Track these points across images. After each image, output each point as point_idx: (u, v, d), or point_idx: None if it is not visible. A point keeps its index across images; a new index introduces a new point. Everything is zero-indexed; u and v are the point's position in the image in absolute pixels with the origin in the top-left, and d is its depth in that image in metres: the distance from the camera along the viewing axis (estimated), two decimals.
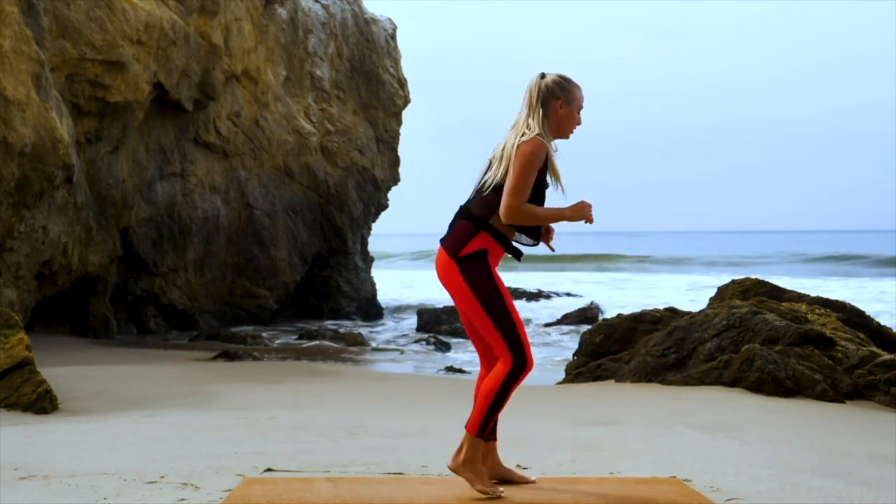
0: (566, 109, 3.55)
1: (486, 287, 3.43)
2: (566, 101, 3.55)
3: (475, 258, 3.45)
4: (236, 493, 3.58)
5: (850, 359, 8.09)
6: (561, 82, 3.56)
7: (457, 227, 3.53)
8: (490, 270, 3.46)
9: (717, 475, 4.23)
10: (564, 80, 3.58)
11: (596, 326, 10.46)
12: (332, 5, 21.59)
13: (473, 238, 3.46)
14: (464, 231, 3.49)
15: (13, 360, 7.30)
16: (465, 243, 3.46)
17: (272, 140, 19.73)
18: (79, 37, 13.68)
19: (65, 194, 13.53)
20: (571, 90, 3.57)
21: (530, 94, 3.54)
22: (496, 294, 3.44)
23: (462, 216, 3.54)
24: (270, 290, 19.66)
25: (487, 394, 3.45)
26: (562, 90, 3.55)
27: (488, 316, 3.43)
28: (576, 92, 3.58)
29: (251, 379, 9.97)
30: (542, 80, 3.57)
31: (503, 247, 3.51)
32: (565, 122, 3.56)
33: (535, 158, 3.42)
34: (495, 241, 3.48)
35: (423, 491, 3.60)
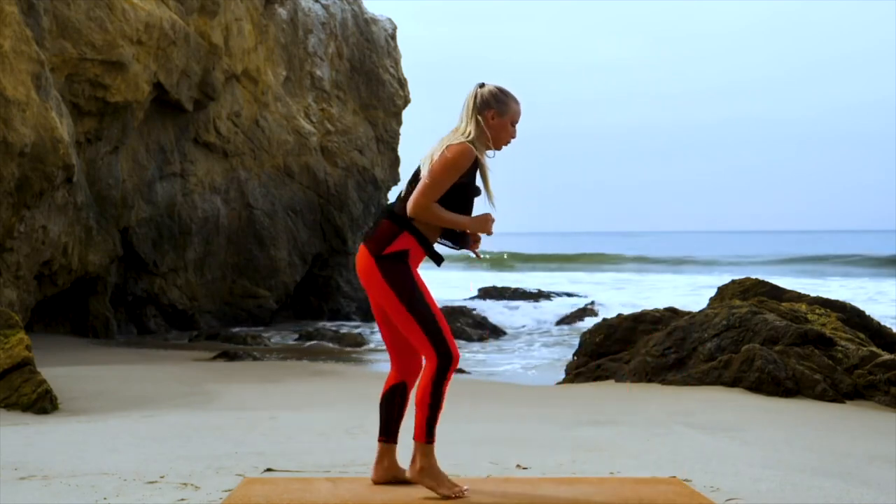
0: (498, 120, 3.57)
1: (406, 286, 3.45)
2: (499, 112, 3.57)
3: (396, 258, 3.47)
4: (236, 493, 3.58)
5: (850, 359, 8.10)
6: (497, 93, 3.59)
7: (380, 225, 3.55)
8: (410, 270, 3.48)
9: (717, 475, 4.23)
10: (501, 91, 3.61)
11: (596, 326, 10.46)
12: (332, 5, 21.59)
13: (396, 238, 3.49)
14: (387, 230, 3.51)
15: (13, 360, 7.30)
16: (387, 243, 3.48)
17: (272, 140, 19.73)
18: (79, 37, 13.68)
19: (65, 194, 13.52)
20: (506, 102, 3.60)
21: (467, 103, 3.58)
22: (417, 293, 3.46)
23: (386, 215, 3.57)
24: (270, 290, 19.65)
25: (423, 399, 3.49)
26: (496, 101, 3.57)
27: (410, 315, 3.45)
28: (511, 105, 3.61)
29: (251, 379, 9.97)
30: (479, 89, 3.60)
31: (424, 249, 3.54)
32: (497, 132, 3.58)
33: (456, 162, 3.46)
34: (417, 242, 3.51)
35: (422, 491, 3.60)
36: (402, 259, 3.47)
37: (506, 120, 3.59)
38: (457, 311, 18.98)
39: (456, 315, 18.24)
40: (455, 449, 4.93)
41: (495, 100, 3.58)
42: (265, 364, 12.23)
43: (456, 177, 3.47)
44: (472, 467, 4.36)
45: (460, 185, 3.49)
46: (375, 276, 3.47)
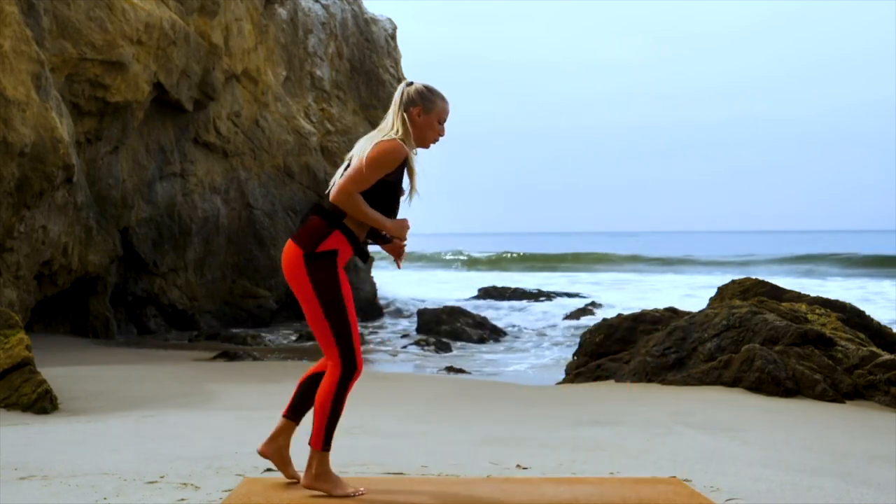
0: (425, 118, 3.59)
1: (331, 290, 3.45)
2: (425, 109, 3.59)
3: (326, 258, 3.46)
4: (236, 493, 3.58)
5: (850, 359, 8.10)
6: (424, 91, 3.62)
7: (309, 222, 3.53)
8: (338, 273, 3.48)
9: (717, 475, 4.23)
10: (428, 89, 3.64)
11: (596, 326, 10.46)
12: (332, 5, 21.59)
13: (328, 237, 3.48)
14: (318, 227, 3.50)
15: (13, 360, 7.30)
16: (319, 241, 3.47)
17: (272, 140, 19.73)
18: (79, 37, 13.68)
19: (65, 194, 13.52)
20: (433, 100, 3.62)
21: (395, 100, 3.62)
22: (339, 298, 3.47)
23: (316, 212, 3.56)
24: (270, 290, 19.65)
25: (323, 405, 3.47)
26: (422, 99, 3.60)
27: (326, 318, 3.47)
28: (438, 102, 3.63)
29: (251, 379, 9.97)
30: (407, 87, 3.64)
31: (353, 248, 3.55)
32: (424, 130, 3.60)
33: (387, 157, 3.48)
34: (347, 241, 3.51)
35: (423, 491, 3.60)
36: (332, 259, 3.46)
37: (432, 117, 3.61)
38: (456, 311, 18.98)
39: (456, 315, 18.23)
40: (455, 449, 4.93)
41: (421, 97, 3.60)
42: (265, 364, 12.23)
43: (383, 172, 3.48)
44: (472, 467, 4.36)
45: (388, 182, 3.51)
46: (301, 273, 3.46)
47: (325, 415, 3.47)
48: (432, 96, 3.63)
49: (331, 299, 3.45)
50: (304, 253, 3.46)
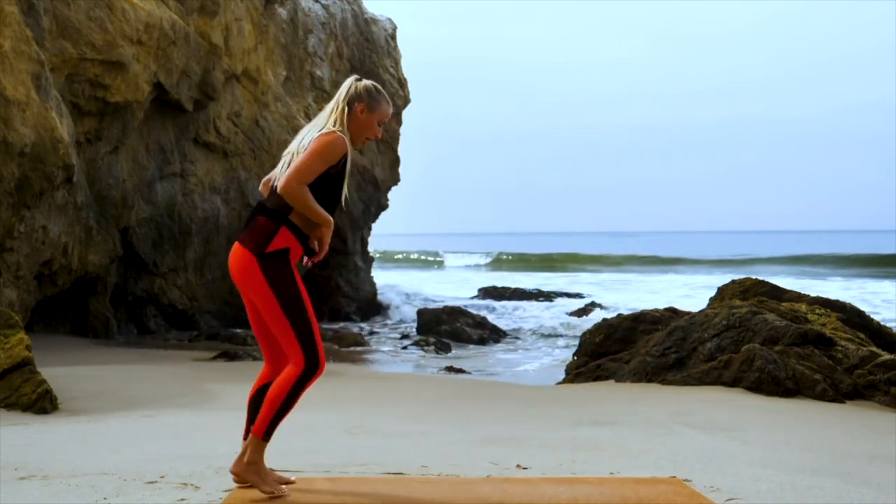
0: (367, 116, 3.60)
1: (288, 288, 3.41)
2: (369, 107, 3.61)
3: (278, 257, 3.43)
4: (236, 493, 3.58)
5: (850, 359, 8.10)
6: (371, 89, 3.65)
7: (255, 222, 3.49)
8: (292, 271, 3.45)
9: (717, 475, 4.22)
10: (377, 89, 3.68)
11: (596, 326, 10.46)
12: (332, 5, 21.59)
13: (276, 235, 3.44)
14: (264, 227, 3.46)
15: (13, 360, 7.30)
16: (268, 240, 3.43)
17: (272, 140, 19.73)
18: (79, 37, 13.68)
19: (65, 194, 13.52)
20: (378, 100, 3.64)
21: (339, 94, 3.62)
22: (296, 295, 3.43)
23: (260, 212, 3.52)
24: None
25: (276, 397, 3.43)
26: (369, 97, 3.62)
27: (286, 317, 3.41)
28: (382, 103, 3.65)
29: (251, 379, 9.94)
30: (356, 82, 3.64)
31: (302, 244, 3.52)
32: (363, 127, 3.61)
33: (331, 149, 3.46)
34: (296, 238, 3.48)
35: (423, 491, 3.59)
36: (285, 258, 3.44)
37: (374, 117, 3.62)
38: (456, 311, 18.98)
39: (455, 315, 18.22)
40: (455, 449, 4.93)
41: (368, 95, 3.61)
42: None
43: (327, 165, 3.45)
44: (472, 467, 4.36)
45: (331, 175, 3.49)
46: (255, 275, 3.41)
47: (275, 407, 3.43)
48: (378, 97, 3.65)
49: (289, 298, 3.41)
50: (256, 254, 3.42)
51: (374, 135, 3.65)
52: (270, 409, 3.43)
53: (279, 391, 3.41)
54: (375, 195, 22.45)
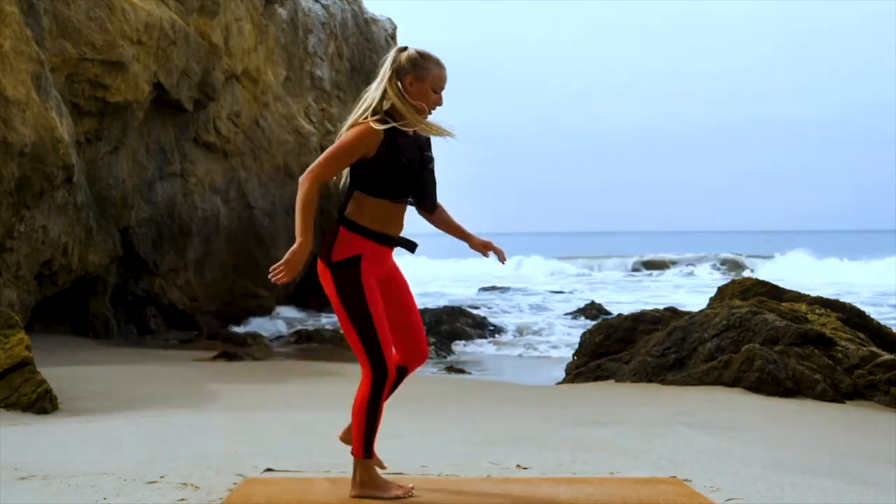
0: (418, 86, 3.34)
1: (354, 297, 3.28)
2: (417, 77, 3.34)
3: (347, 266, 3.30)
4: (236, 493, 3.58)
5: (850, 359, 8.10)
6: (416, 58, 3.35)
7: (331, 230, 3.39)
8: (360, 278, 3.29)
9: (717, 475, 4.22)
10: (421, 55, 3.37)
11: (596, 326, 10.46)
12: (332, 5, 21.60)
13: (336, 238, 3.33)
14: (330, 233, 3.37)
15: (13, 360, 7.30)
16: (331, 246, 3.33)
17: (272, 140, 19.73)
18: (79, 37, 13.68)
19: (65, 194, 13.52)
20: (426, 66, 3.35)
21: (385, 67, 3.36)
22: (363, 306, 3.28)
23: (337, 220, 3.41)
24: (270, 290, 19.65)
25: (359, 414, 3.35)
26: (414, 66, 3.34)
27: (352, 324, 3.30)
28: (432, 69, 3.36)
29: (251, 379, 9.97)
30: (399, 53, 3.38)
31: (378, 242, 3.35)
32: (418, 99, 3.34)
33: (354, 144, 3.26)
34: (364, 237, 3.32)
35: (423, 491, 3.59)
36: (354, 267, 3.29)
37: (426, 86, 3.35)
38: (456, 311, 18.98)
39: (455, 315, 18.22)
40: (455, 449, 4.93)
41: (413, 64, 3.34)
42: (265, 364, 12.23)
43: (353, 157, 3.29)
44: (472, 467, 4.36)
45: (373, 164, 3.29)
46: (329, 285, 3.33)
47: (361, 423, 3.34)
48: (425, 62, 3.36)
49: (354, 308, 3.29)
50: (326, 264, 3.32)
51: (433, 104, 3.36)
52: (358, 428, 3.35)
53: (359, 408, 3.34)
54: None
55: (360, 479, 3.42)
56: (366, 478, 3.41)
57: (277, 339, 16.75)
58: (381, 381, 3.32)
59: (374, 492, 3.40)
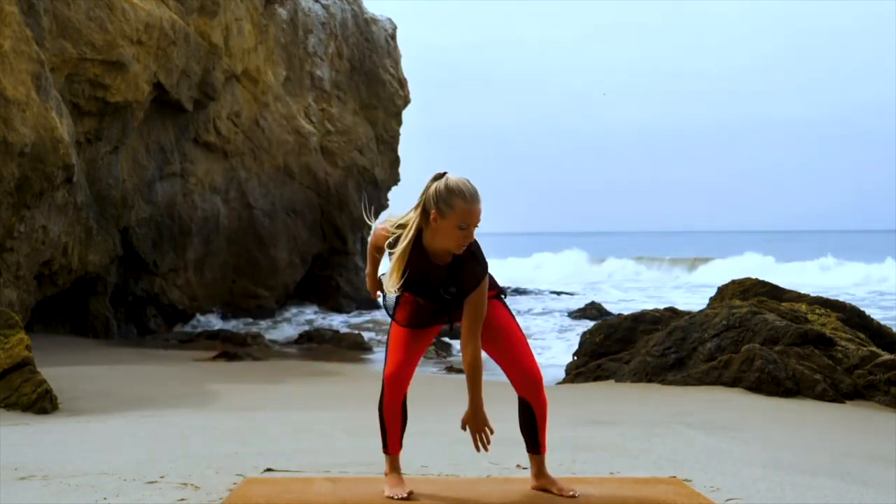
0: (441, 223, 3.22)
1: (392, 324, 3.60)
2: (440, 213, 3.21)
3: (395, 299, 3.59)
4: (236, 493, 3.58)
5: (850, 359, 8.10)
6: (442, 191, 3.22)
7: None
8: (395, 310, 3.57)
9: (717, 475, 4.22)
10: (449, 190, 3.21)
11: (596, 326, 10.46)
12: (332, 5, 21.60)
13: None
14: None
15: (13, 360, 7.31)
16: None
17: (272, 140, 19.73)
18: (79, 37, 13.68)
19: (65, 194, 13.53)
20: (451, 202, 3.20)
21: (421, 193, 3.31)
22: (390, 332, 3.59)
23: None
24: (270, 290, 19.66)
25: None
26: (437, 201, 3.21)
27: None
28: (458, 205, 3.19)
29: (251, 379, 9.98)
30: (433, 182, 3.28)
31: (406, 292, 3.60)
32: (441, 235, 3.25)
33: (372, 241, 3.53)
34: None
35: (423, 491, 3.59)
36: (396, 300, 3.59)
37: (450, 223, 3.20)
38: None
39: None
40: (455, 449, 4.93)
41: (437, 198, 3.22)
42: (265, 364, 12.23)
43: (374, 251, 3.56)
44: (472, 467, 4.36)
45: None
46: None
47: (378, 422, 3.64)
48: (451, 198, 3.20)
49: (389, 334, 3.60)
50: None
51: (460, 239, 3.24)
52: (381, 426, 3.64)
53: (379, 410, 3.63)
54: (375, 195, 22.45)
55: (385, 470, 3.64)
56: (386, 471, 3.62)
57: (277, 338, 16.73)
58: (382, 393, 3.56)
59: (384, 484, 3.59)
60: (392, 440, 3.61)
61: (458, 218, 3.20)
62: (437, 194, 3.22)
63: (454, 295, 3.42)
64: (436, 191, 3.22)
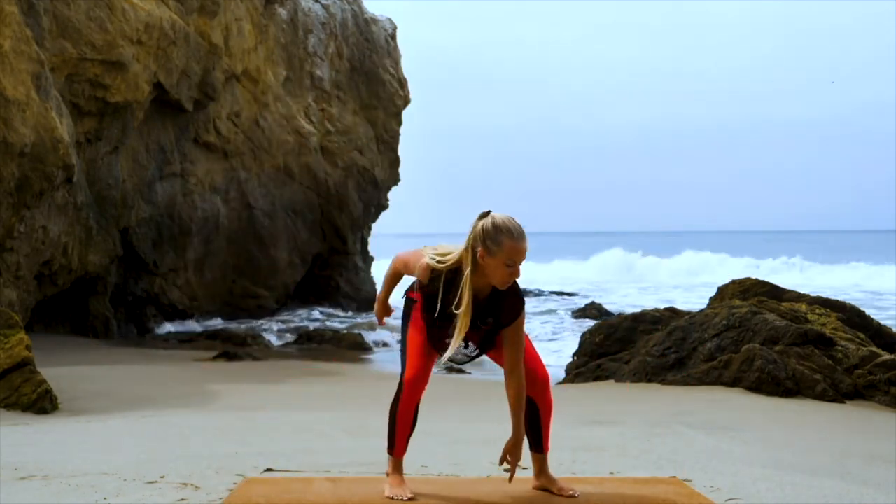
0: (489, 260, 3.29)
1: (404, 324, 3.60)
2: (488, 251, 3.28)
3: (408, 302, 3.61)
4: (236, 493, 3.58)
5: (850, 359, 8.09)
6: (489, 229, 3.29)
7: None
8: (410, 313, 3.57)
9: (717, 475, 4.22)
10: (497, 228, 3.29)
11: (596, 326, 10.46)
12: (332, 5, 21.60)
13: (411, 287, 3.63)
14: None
15: (13, 360, 7.31)
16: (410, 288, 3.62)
17: (272, 140, 19.73)
18: (79, 37, 13.69)
19: (65, 194, 13.53)
20: (499, 240, 3.27)
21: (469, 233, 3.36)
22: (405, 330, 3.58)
23: None
24: (270, 290, 19.66)
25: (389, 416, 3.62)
26: (485, 238, 3.28)
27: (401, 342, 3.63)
28: (505, 243, 3.27)
29: (251, 379, 9.98)
30: (480, 219, 3.34)
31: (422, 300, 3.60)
32: (488, 271, 3.31)
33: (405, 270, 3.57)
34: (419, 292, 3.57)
35: (423, 491, 3.60)
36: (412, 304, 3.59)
37: (498, 260, 3.28)
38: None
39: None
40: (455, 449, 4.93)
41: (485, 236, 3.29)
42: (265, 364, 12.23)
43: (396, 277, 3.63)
44: (472, 467, 4.36)
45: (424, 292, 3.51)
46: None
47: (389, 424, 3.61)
48: (498, 236, 3.27)
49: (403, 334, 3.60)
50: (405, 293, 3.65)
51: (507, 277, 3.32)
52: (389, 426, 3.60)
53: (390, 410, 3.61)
54: (375, 195, 22.45)
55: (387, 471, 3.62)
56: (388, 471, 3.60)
57: (277, 338, 16.73)
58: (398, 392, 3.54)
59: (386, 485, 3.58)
60: (400, 442, 3.58)
61: (506, 255, 3.27)
62: (485, 233, 3.28)
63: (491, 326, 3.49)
64: (483, 229, 3.29)
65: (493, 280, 3.34)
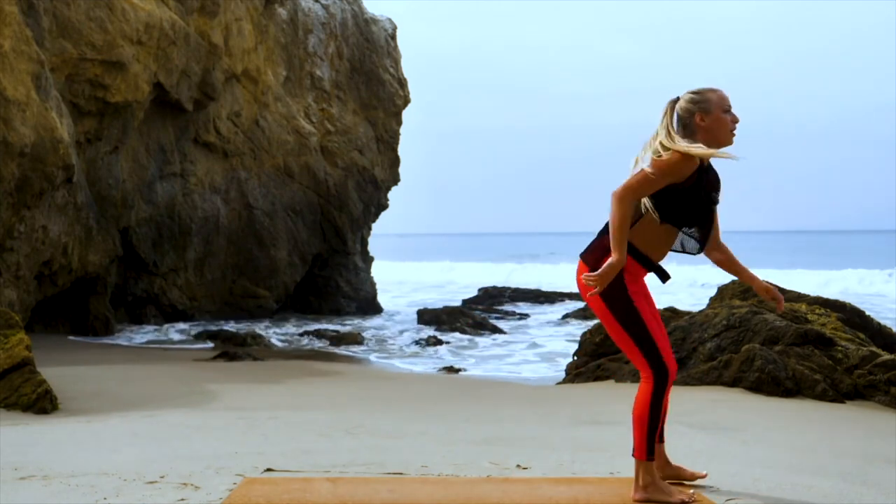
0: (709, 119, 3.45)
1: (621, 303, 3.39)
2: (704, 111, 3.46)
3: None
4: (236, 493, 3.58)
5: (850, 359, 8.09)
6: (692, 97, 3.48)
7: (599, 240, 3.46)
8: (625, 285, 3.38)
9: (717, 475, 4.22)
10: (695, 93, 3.50)
11: (596, 326, 10.45)
12: (332, 5, 21.59)
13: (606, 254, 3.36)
14: (600, 245, 3.43)
15: (13, 360, 7.30)
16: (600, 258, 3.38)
17: (272, 140, 19.73)
18: (79, 37, 13.68)
19: (65, 194, 13.53)
20: (706, 98, 3.47)
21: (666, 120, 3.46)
22: (632, 309, 3.40)
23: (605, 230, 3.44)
24: (270, 290, 19.65)
25: (641, 415, 3.41)
26: (695, 104, 3.47)
27: (625, 331, 3.41)
28: (711, 97, 3.48)
29: (251, 379, 9.97)
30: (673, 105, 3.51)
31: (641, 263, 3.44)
32: (715, 129, 3.45)
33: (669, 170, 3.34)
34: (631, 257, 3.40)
35: (423, 491, 3.59)
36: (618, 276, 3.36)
37: (716, 113, 3.45)
38: (456, 311, 18.98)
39: (455, 315, 18.23)
40: (455, 449, 4.93)
41: (693, 104, 3.47)
42: (265, 364, 12.23)
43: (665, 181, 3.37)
44: (472, 467, 4.36)
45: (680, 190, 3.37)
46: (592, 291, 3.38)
47: (644, 425, 3.41)
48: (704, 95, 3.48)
49: (624, 312, 3.39)
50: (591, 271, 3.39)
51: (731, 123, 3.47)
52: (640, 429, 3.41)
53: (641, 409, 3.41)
54: (375, 195, 22.45)
55: (642, 483, 3.44)
56: (648, 481, 3.44)
57: (277, 338, 16.74)
58: (662, 382, 3.40)
59: (657, 495, 3.42)
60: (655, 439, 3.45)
61: (720, 105, 3.46)
62: (692, 101, 3.48)
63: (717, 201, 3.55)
64: (687, 102, 3.48)
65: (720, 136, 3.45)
